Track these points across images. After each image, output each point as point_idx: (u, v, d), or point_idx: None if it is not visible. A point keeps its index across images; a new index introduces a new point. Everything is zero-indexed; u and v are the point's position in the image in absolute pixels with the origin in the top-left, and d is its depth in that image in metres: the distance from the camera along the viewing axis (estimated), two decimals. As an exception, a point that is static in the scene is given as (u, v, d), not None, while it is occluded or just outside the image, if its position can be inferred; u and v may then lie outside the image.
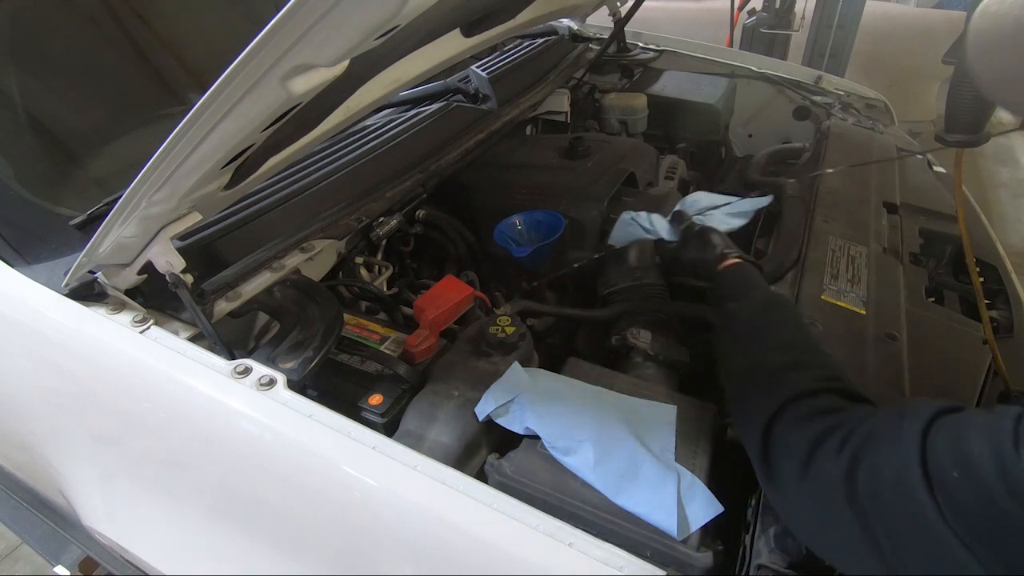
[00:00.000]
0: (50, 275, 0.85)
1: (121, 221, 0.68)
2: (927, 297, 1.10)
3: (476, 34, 1.29)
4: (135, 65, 1.19)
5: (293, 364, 0.80)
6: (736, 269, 0.91)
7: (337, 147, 1.26)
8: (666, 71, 1.96)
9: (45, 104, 1.07)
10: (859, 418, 0.56)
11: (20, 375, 0.91)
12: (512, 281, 1.35)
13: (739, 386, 0.73)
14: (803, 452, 0.56)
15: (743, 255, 0.94)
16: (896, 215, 1.32)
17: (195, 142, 0.58)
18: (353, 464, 0.67)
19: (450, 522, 0.63)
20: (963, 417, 0.49)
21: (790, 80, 1.87)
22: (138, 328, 0.80)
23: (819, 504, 0.55)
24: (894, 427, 0.51)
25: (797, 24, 3.69)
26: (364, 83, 0.97)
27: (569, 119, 1.83)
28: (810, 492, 0.56)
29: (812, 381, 0.64)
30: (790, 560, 0.63)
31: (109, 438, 0.88)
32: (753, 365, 0.72)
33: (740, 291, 0.86)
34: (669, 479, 0.71)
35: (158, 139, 0.57)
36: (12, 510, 1.35)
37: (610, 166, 1.38)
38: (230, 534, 0.78)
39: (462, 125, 1.44)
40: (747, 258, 0.93)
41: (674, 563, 0.67)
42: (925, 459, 0.47)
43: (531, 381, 0.84)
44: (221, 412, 0.73)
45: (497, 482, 0.74)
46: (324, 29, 0.49)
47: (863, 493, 0.50)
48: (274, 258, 0.97)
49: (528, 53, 1.79)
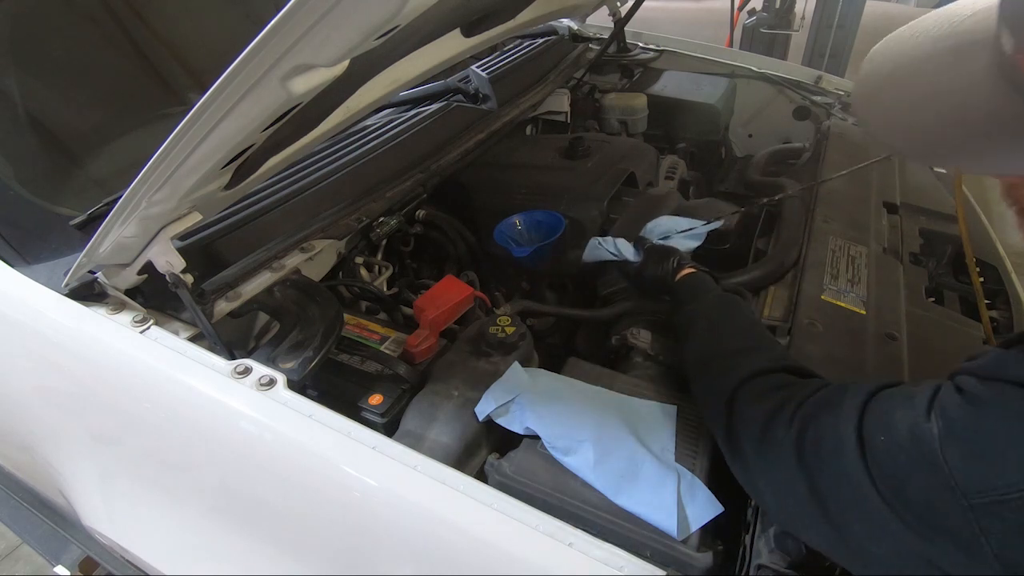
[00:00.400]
0: (50, 275, 0.85)
1: (121, 221, 0.68)
2: (927, 297, 1.10)
3: (476, 34, 1.29)
4: (135, 65, 1.19)
5: (293, 364, 0.80)
6: (691, 278, 0.97)
7: (337, 147, 1.26)
8: (666, 71, 1.96)
9: (45, 104, 1.07)
10: (809, 391, 0.61)
11: (20, 375, 0.91)
12: (512, 281, 1.35)
13: (700, 374, 0.78)
14: (759, 425, 0.61)
15: (696, 265, 1.01)
16: (896, 215, 1.32)
17: (195, 142, 0.58)
18: (353, 464, 0.67)
19: (450, 522, 0.63)
20: (898, 390, 0.54)
21: (790, 80, 1.87)
22: (138, 328, 0.80)
23: (775, 471, 0.59)
24: (839, 398, 0.56)
25: (797, 24, 3.70)
26: (364, 83, 0.97)
27: (569, 119, 1.83)
28: (767, 461, 0.60)
29: (765, 362, 0.70)
30: (790, 560, 0.63)
31: (109, 438, 0.88)
32: (711, 354, 0.78)
33: (697, 295, 0.92)
34: (669, 479, 0.71)
35: (158, 139, 0.57)
36: (12, 510, 1.35)
37: (610, 166, 1.38)
38: (230, 534, 0.78)
39: (462, 125, 1.44)
40: (701, 268, 1.00)
41: (674, 563, 0.67)
42: (861, 426, 0.51)
43: (531, 381, 0.84)
44: (221, 412, 0.73)
45: (497, 482, 0.74)
46: (324, 29, 0.49)
47: (809, 458, 0.55)
48: (274, 258, 0.97)
49: (528, 53, 1.79)
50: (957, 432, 0.45)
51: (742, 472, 0.66)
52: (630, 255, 1.09)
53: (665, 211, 1.29)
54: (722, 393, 0.69)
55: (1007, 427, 0.43)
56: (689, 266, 1.00)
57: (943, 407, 0.47)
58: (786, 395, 0.62)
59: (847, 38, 3.55)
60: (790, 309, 1.00)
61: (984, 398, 0.45)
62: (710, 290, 0.93)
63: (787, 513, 0.59)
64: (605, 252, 1.11)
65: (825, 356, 0.89)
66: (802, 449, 0.56)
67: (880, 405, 0.52)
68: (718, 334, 0.81)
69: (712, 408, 0.71)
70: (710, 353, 0.79)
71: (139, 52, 1.19)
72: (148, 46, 1.20)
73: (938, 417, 0.47)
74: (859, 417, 0.52)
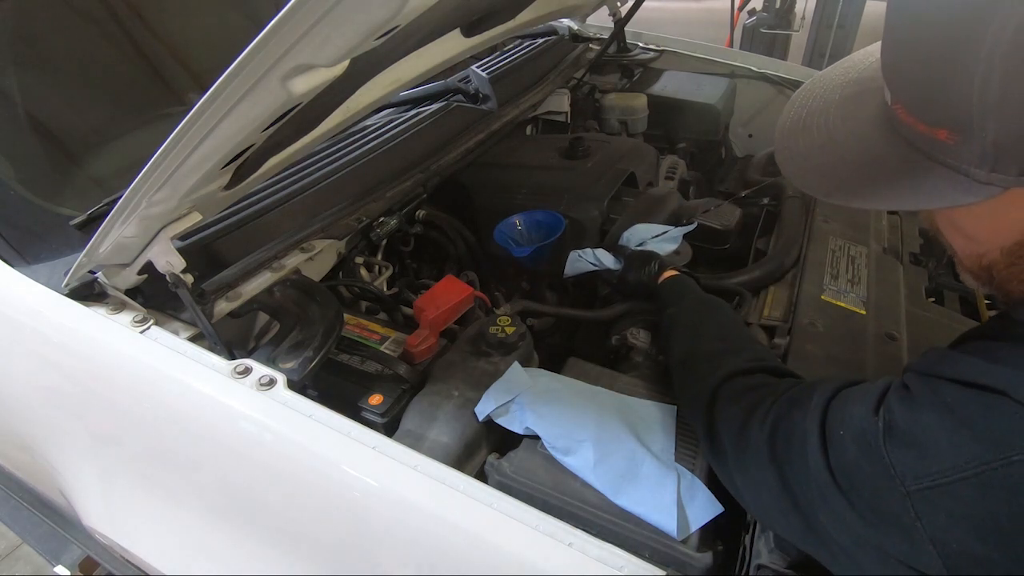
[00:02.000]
0: (50, 275, 0.85)
1: (121, 221, 0.68)
2: (927, 297, 1.10)
3: (476, 34, 1.29)
4: (135, 65, 1.19)
5: (293, 364, 0.80)
6: (673, 280, 0.99)
7: (337, 147, 1.26)
8: (666, 71, 1.96)
9: (45, 104, 1.06)
10: (784, 389, 0.63)
11: (20, 375, 0.91)
12: (512, 281, 1.35)
13: (682, 375, 0.80)
14: (738, 424, 0.64)
15: (678, 267, 1.03)
16: (896, 215, 1.32)
17: (195, 142, 0.58)
18: (353, 464, 0.67)
19: (450, 522, 0.63)
20: (858, 388, 0.56)
21: (790, 80, 1.87)
22: (138, 328, 0.80)
23: (751, 468, 0.61)
24: (807, 396, 0.59)
25: (797, 24, 3.70)
26: (364, 83, 0.97)
27: (569, 119, 1.83)
28: (744, 458, 0.62)
29: (743, 363, 0.72)
30: (790, 560, 0.63)
31: (109, 438, 0.88)
32: (693, 355, 0.80)
33: (678, 297, 0.94)
34: (669, 479, 0.71)
35: (158, 139, 0.57)
36: (12, 510, 1.35)
37: (610, 166, 1.38)
38: (230, 534, 0.78)
39: (462, 125, 1.44)
40: (682, 270, 1.02)
41: (674, 563, 0.67)
42: (824, 421, 0.54)
43: (531, 381, 0.84)
44: (221, 412, 0.73)
45: (497, 482, 0.74)
46: (324, 29, 0.49)
47: (780, 453, 0.57)
48: (274, 258, 0.97)
49: (528, 53, 1.79)
50: (897, 424, 0.48)
51: (722, 469, 0.67)
52: (610, 264, 1.11)
53: (665, 211, 1.29)
54: (702, 394, 0.71)
55: (939, 419, 0.46)
56: (670, 269, 1.02)
57: (888, 402, 0.50)
58: (762, 394, 0.65)
59: (847, 38, 3.55)
60: (790, 309, 1.00)
61: (921, 393, 0.49)
62: (690, 292, 0.94)
63: (762, 507, 0.61)
64: (586, 263, 1.12)
65: (825, 356, 0.89)
66: (774, 445, 0.58)
67: (841, 402, 0.55)
68: (698, 336, 0.83)
69: (694, 408, 0.73)
70: (690, 355, 0.80)
71: (139, 52, 1.19)
72: (148, 46, 1.20)
73: (884, 411, 0.50)
74: (823, 413, 0.55)
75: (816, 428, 0.54)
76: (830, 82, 0.58)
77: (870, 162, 0.51)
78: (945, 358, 0.50)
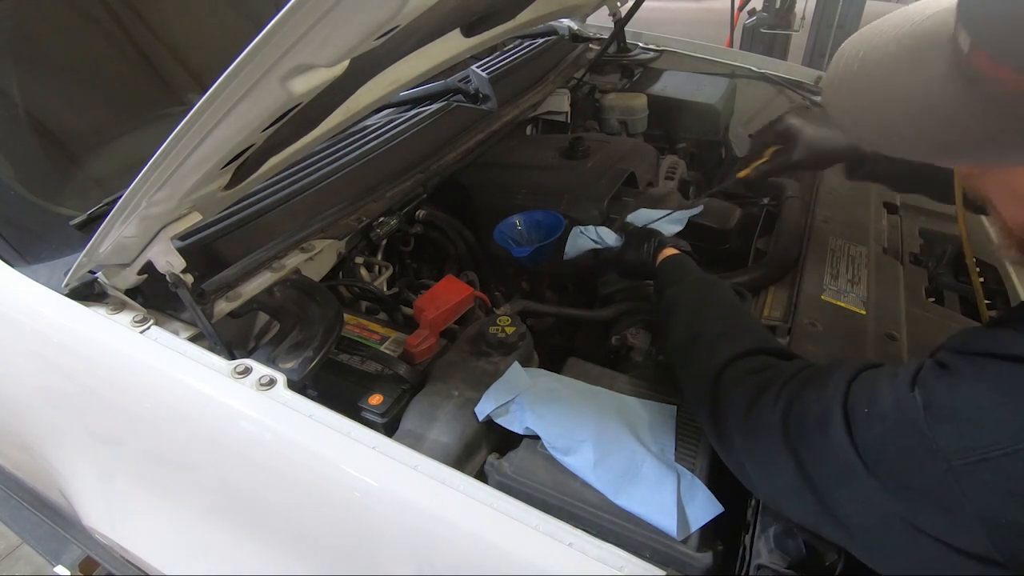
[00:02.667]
0: (50, 275, 0.85)
1: (121, 221, 0.68)
2: (927, 297, 1.10)
3: (476, 34, 1.29)
4: (135, 65, 1.19)
5: (293, 364, 0.80)
6: (672, 259, 0.97)
7: (337, 147, 1.26)
8: (666, 71, 1.96)
9: (45, 104, 1.07)
10: (792, 371, 0.63)
11: (20, 375, 0.91)
12: (512, 281, 1.35)
13: (683, 358, 0.78)
14: (744, 405, 0.63)
15: (678, 245, 1.00)
16: (896, 215, 1.32)
17: (195, 142, 0.58)
18: (353, 464, 0.67)
19: (450, 522, 0.63)
20: (882, 369, 0.56)
21: (790, 80, 1.87)
22: (138, 328, 0.80)
23: (761, 450, 0.61)
24: (825, 376, 0.58)
25: (797, 24, 3.70)
26: (364, 83, 0.97)
27: (569, 119, 1.83)
28: (753, 441, 0.62)
29: (747, 344, 0.71)
30: (790, 560, 0.63)
31: (109, 438, 0.88)
32: (694, 337, 0.78)
33: (677, 277, 0.92)
34: (669, 479, 0.71)
35: (158, 139, 0.57)
36: (12, 510, 1.35)
37: (610, 166, 1.38)
38: (230, 534, 0.78)
39: (462, 125, 1.44)
40: (682, 248, 0.99)
41: (674, 563, 0.67)
42: (847, 401, 0.54)
43: (531, 381, 0.84)
44: (221, 412, 0.73)
45: (497, 482, 0.74)
46: (324, 29, 0.49)
47: (795, 433, 0.57)
48: (274, 258, 0.97)
49: (528, 53, 1.79)
50: (938, 400, 0.48)
51: (727, 452, 0.67)
52: (612, 242, 1.08)
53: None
54: (706, 376, 0.70)
55: (983, 393, 0.46)
56: (670, 246, 0.99)
57: (925, 379, 0.50)
58: (770, 376, 0.64)
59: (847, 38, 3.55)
60: (790, 309, 1.00)
61: (961, 369, 0.48)
62: (690, 272, 0.92)
63: (774, 489, 0.61)
64: (588, 240, 1.10)
65: (825, 356, 0.89)
66: (788, 425, 0.58)
67: (865, 381, 0.55)
68: (700, 317, 0.81)
69: (696, 391, 0.72)
70: (692, 336, 0.79)
71: (139, 52, 1.19)
72: (148, 46, 1.20)
73: (921, 388, 0.49)
74: (845, 393, 0.55)
75: (839, 408, 0.54)
76: (883, 34, 0.54)
77: (939, 115, 0.48)
78: (984, 334, 0.50)
